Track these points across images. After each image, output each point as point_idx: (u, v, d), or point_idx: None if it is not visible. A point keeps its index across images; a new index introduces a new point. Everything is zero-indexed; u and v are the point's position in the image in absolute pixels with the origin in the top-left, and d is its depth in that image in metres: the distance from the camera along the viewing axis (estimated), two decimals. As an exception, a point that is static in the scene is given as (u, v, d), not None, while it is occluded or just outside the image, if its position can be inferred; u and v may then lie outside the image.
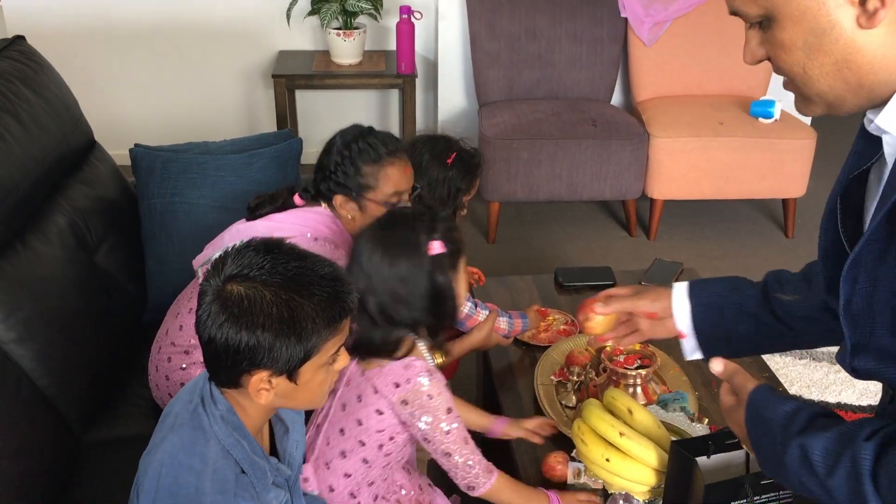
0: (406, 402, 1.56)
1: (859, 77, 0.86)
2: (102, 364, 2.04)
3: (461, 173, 2.08)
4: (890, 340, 0.95)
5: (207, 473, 1.20)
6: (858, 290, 0.96)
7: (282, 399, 1.25)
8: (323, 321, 1.18)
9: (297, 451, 1.41)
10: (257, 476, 1.25)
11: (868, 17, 0.81)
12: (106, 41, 4.13)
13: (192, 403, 1.26)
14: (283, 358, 1.17)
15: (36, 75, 2.18)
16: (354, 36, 3.90)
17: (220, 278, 1.18)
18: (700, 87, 4.01)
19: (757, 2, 0.88)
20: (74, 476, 1.84)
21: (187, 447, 1.21)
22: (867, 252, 0.93)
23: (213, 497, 1.19)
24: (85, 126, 2.37)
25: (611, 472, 1.54)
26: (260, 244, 1.22)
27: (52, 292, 1.92)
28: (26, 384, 1.78)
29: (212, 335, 1.17)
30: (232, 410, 1.25)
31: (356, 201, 1.89)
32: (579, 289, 2.38)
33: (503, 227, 3.86)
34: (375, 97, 4.40)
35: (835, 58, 0.85)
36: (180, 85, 4.27)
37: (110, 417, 2.00)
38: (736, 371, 1.15)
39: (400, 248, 1.54)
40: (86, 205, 2.17)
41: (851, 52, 0.84)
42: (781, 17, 0.87)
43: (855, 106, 0.90)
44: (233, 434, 1.23)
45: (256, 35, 4.18)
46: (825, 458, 0.94)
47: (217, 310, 1.16)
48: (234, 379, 1.21)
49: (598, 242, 3.82)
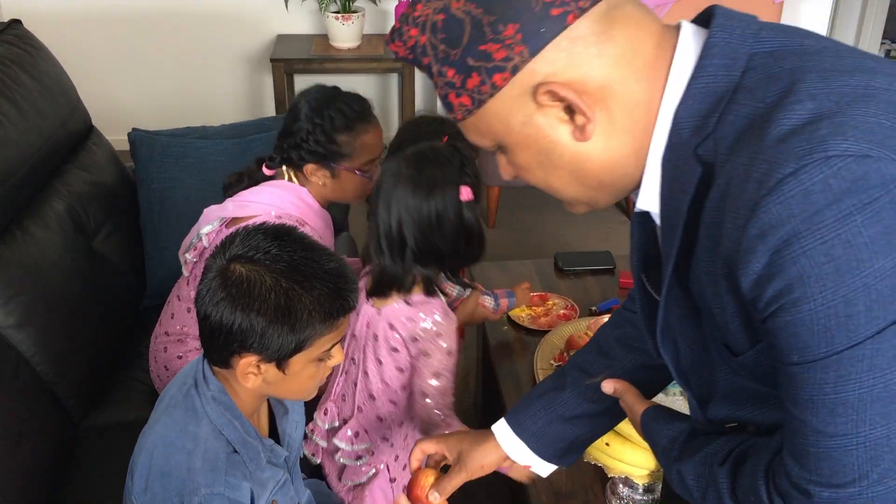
0: (416, 338, 1.60)
1: (598, 179, 0.90)
2: (101, 349, 2.04)
3: None
4: (733, 386, 0.97)
5: (198, 452, 1.20)
6: (682, 350, 0.99)
7: (269, 386, 1.24)
8: (320, 315, 1.17)
9: (296, 431, 1.42)
10: (250, 456, 1.25)
11: (580, 132, 0.85)
12: (103, 25, 4.11)
13: (185, 385, 1.26)
14: (274, 346, 1.17)
15: (33, 60, 2.17)
16: (353, 19, 3.87)
17: (225, 256, 1.17)
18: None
19: (485, 136, 0.93)
20: (73, 461, 1.84)
21: (179, 427, 1.22)
22: (672, 318, 0.96)
23: (203, 475, 1.19)
24: (82, 111, 2.36)
25: (611, 456, 1.54)
26: (271, 228, 1.21)
27: (51, 278, 1.91)
28: (25, 369, 1.78)
29: (208, 312, 1.17)
30: (223, 391, 1.25)
31: (329, 169, 1.83)
32: (579, 273, 2.37)
33: (503, 212, 3.85)
34: (374, 81, 4.38)
35: (568, 170, 0.90)
36: (178, 69, 4.25)
37: (109, 403, 2.00)
38: (626, 390, 1.14)
39: (434, 187, 1.56)
40: (84, 190, 2.16)
41: (581, 162, 0.88)
42: (511, 145, 0.91)
43: (610, 199, 0.96)
44: (224, 414, 1.24)
45: (255, 19, 4.16)
46: (697, 483, 0.97)
47: (217, 287, 1.16)
48: (224, 358, 1.21)
49: (598, 227, 3.82)
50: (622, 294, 2.26)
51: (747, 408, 0.99)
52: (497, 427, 1.28)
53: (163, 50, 4.19)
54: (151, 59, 4.21)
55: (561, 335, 2.02)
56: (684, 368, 1.01)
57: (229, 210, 1.84)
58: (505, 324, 2.14)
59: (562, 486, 1.64)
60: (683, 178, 0.84)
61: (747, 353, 0.87)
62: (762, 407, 0.98)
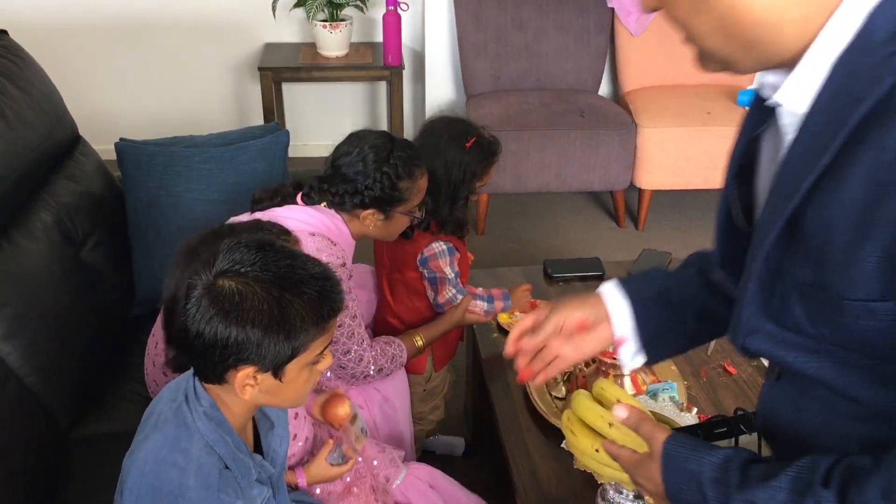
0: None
1: (746, 37, 0.83)
2: (90, 360, 2.03)
3: (478, 158, 2.07)
4: (796, 326, 0.91)
5: (191, 469, 1.19)
6: (756, 270, 0.91)
7: (266, 396, 1.25)
8: (312, 319, 1.19)
9: (280, 447, 1.41)
10: (241, 472, 1.25)
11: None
12: (90, 35, 4.10)
13: (175, 402, 1.25)
14: (271, 355, 1.17)
15: (19, 70, 2.16)
16: (341, 28, 3.88)
17: (210, 273, 1.17)
18: (687, 76, 4.01)
19: None
20: (63, 472, 1.83)
21: (171, 444, 1.21)
22: (768, 237, 0.88)
23: (196, 492, 1.18)
24: (69, 121, 2.35)
25: (600, 463, 1.53)
26: (252, 241, 1.21)
27: (39, 289, 1.90)
28: (13, 381, 1.77)
29: (200, 329, 1.17)
30: (215, 406, 1.25)
31: (384, 213, 1.89)
32: (568, 280, 2.38)
33: (492, 219, 3.85)
34: (363, 89, 4.39)
35: (718, 15, 0.82)
36: (165, 79, 4.24)
37: (98, 413, 1.99)
38: (642, 419, 1.06)
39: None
40: (71, 200, 2.15)
41: (734, 8, 0.81)
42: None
43: (750, 66, 0.87)
44: (216, 430, 1.23)
45: (242, 28, 4.16)
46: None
47: (207, 304, 1.16)
48: (219, 374, 1.21)
49: (587, 233, 3.83)
50: (611, 300, 2.26)
51: (793, 352, 0.92)
52: (606, 287, 1.22)
53: (150, 59, 4.18)
54: (138, 69, 4.20)
55: (550, 342, 2.02)
56: (747, 289, 0.92)
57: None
58: (495, 332, 2.14)
59: (552, 492, 1.65)
60: (861, 86, 0.76)
61: (877, 302, 0.79)
62: (811, 357, 0.91)
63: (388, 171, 1.83)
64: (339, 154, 1.88)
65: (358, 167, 1.84)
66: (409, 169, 1.86)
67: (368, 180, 1.83)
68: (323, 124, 4.38)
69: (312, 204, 1.89)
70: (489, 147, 2.10)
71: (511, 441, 1.78)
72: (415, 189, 1.89)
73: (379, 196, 1.85)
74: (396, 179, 1.84)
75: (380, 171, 1.83)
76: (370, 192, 1.84)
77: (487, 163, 2.10)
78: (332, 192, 1.87)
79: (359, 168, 1.84)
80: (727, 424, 1.43)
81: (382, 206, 1.87)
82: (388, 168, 1.83)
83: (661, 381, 1.85)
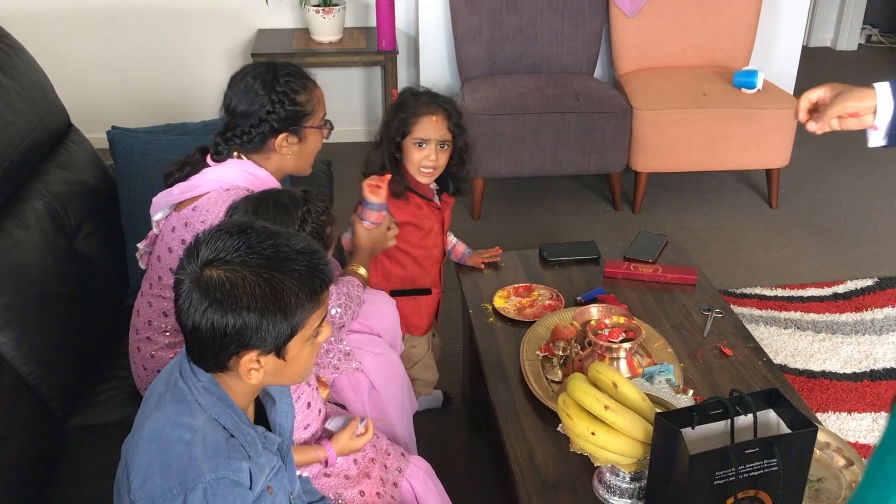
0: None
1: None
2: (84, 349, 2.02)
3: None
4: None
5: (197, 441, 1.20)
6: None
7: (271, 376, 1.26)
8: (306, 294, 1.19)
9: (286, 420, 1.42)
10: (247, 441, 1.26)
11: None
12: (81, 22, 4.07)
13: (171, 380, 1.26)
14: (271, 336, 1.18)
15: (10, 59, 2.15)
16: (334, 13, 3.86)
17: (196, 265, 1.17)
18: (683, 58, 4.00)
19: None
20: (59, 461, 1.83)
21: (173, 421, 1.21)
22: None
23: (207, 462, 1.18)
24: (61, 109, 2.34)
25: (596, 446, 1.54)
26: (232, 226, 1.21)
27: (32, 278, 1.90)
28: (7, 371, 1.77)
29: (196, 322, 1.17)
30: (214, 381, 1.25)
31: (296, 134, 1.89)
32: (564, 263, 2.37)
33: (487, 204, 3.85)
34: (357, 74, 4.37)
35: None
36: (158, 66, 4.22)
37: (94, 402, 1.98)
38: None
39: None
40: (64, 189, 2.15)
41: None
42: None
43: None
44: (217, 403, 1.24)
45: (235, 14, 4.14)
46: None
47: (199, 297, 1.16)
48: (221, 362, 1.22)
49: (583, 217, 3.82)
50: (607, 283, 2.26)
51: None
52: (879, 87, 1.53)
53: (142, 47, 4.16)
54: (130, 56, 4.17)
55: (547, 325, 2.02)
56: None
57: (175, 194, 1.86)
58: (491, 316, 2.14)
59: (549, 476, 1.65)
60: None
61: None
62: None
63: (283, 90, 1.85)
64: (229, 98, 1.90)
65: (252, 98, 1.85)
66: (302, 82, 1.89)
67: (267, 105, 1.85)
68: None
69: (223, 159, 1.88)
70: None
71: (508, 425, 1.78)
72: (314, 99, 1.91)
73: (285, 117, 1.86)
74: (294, 94, 1.86)
75: (274, 92, 1.85)
76: (274, 116, 1.85)
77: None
78: (237, 135, 1.87)
79: (252, 99, 1.85)
80: (723, 406, 1.43)
81: (291, 126, 1.88)
82: (281, 87, 1.86)
83: (657, 364, 1.85)
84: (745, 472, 1.36)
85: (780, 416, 1.45)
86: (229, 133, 1.88)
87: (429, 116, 2.17)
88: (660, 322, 2.09)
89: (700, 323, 2.09)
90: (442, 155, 2.20)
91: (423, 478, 1.82)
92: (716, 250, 3.55)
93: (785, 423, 1.44)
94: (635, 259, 2.36)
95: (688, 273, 2.27)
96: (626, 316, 1.93)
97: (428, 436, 2.40)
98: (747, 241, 3.63)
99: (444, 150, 2.20)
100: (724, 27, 3.97)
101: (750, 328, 2.19)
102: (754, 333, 2.15)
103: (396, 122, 2.19)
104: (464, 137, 2.24)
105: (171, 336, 1.89)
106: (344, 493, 1.70)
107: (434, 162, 2.19)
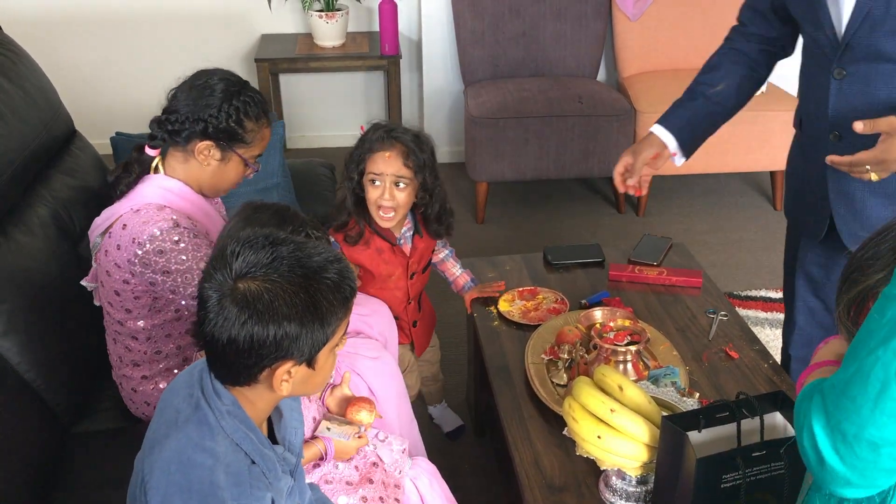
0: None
1: None
2: (89, 355, 2.02)
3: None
4: None
5: (220, 468, 1.19)
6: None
7: (299, 386, 1.25)
8: (339, 301, 1.21)
9: (295, 437, 1.41)
10: (268, 466, 1.25)
11: None
12: (84, 29, 4.08)
13: (193, 398, 1.24)
14: (308, 345, 1.19)
15: (13, 65, 2.15)
16: (337, 18, 3.86)
17: (229, 278, 1.16)
18: (686, 60, 3.99)
19: None
20: (64, 467, 1.83)
21: (194, 443, 1.20)
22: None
23: (229, 490, 1.18)
24: (65, 115, 2.34)
25: (603, 449, 1.54)
26: (258, 238, 1.20)
27: (36, 284, 1.90)
28: (12, 377, 1.77)
29: (233, 335, 1.16)
30: (237, 404, 1.24)
31: (222, 151, 1.81)
32: (568, 267, 2.37)
33: (491, 208, 3.84)
34: (360, 79, 4.37)
35: None
36: (161, 71, 4.19)
37: (99, 409, 1.98)
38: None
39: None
40: (68, 195, 2.15)
41: None
42: None
43: None
44: (240, 428, 1.23)
45: (238, 19, 4.14)
46: None
47: (236, 310, 1.15)
48: (253, 375, 1.21)
49: (587, 220, 3.82)
50: (612, 286, 2.26)
51: None
52: (655, 129, 2.01)
53: (145, 52, 4.16)
54: (134, 62, 4.18)
55: (551, 329, 2.02)
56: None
57: (98, 224, 1.83)
58: (495, 320, 2.14)
59: (555, 479, 1.64)
60: None
61: None
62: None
63: (238, 105, 1.79)
64: (183, 86, 1.83)
65: (205, 96, 1.79)
66: (258, 112, 1.83)
67: (214, 109, 1.78)
68: (320, 115, 4.37)
69: (158, 146, 1.83)
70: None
71: (513, 429, 1.78)
72: (258, 136, 1.84)
73: (223, 129, 1.79)
74: (244, 117, 1.80)
75: (229, 102, 1.79)
76: (214, 122, 1.78)
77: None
78: (171, 122, 1.80)
79: (205, 97, 1.79)
80: (729, 409, 1.43)
81: (222, 141, 1.80)
82: (238, 102, 1.79)
83: (662, 367, 1.85)
84: (752, 476, 1.36)
85: (787, 419, 1.44)
86: (165, 116, 1.82)
87: (381, 152, 2.04)
88: (665, 325, 2.08)
89: (705, 326, 2.09)
90: (399, 193, 2.05)
91: (428, 480, 1.82)
92: (720, 253, 3.55)
93: (791, 425, 1.43)
94: (640, 262, 2.35)
95: (693, 276, 2.26)
96: (632, 319, 1.92)
97: (433, 439, 2.40)
98: (752, 244, 3.63)
99: (402, 189, 2.05)
100: (727, 30, 3.96)
101: (755, 331, 2.19)
102: (760, 336, 2.15)
103: (355, 158, 2.09)
104: (426, 174, 2.06)
105: (144, 369, 1.88)
106: (346, 499, 1.69)
107: (391, 202, 2.05)
